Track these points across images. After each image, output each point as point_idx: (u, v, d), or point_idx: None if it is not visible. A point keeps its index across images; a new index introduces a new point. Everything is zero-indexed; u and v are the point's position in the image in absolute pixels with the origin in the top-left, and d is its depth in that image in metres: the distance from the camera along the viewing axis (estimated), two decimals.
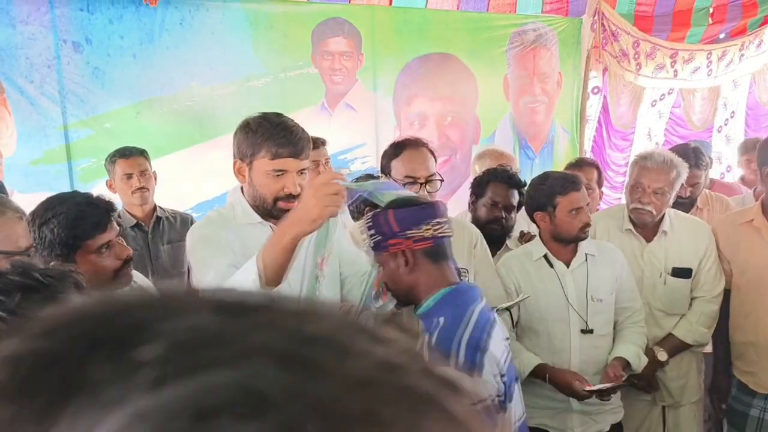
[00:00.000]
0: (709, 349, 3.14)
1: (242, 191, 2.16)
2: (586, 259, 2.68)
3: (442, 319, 1.74)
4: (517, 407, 1.90)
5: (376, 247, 1.85)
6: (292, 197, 2.02)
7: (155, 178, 3.50)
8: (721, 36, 6.64)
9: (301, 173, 2.05)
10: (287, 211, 2.01)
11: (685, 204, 3.51)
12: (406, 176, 2.45)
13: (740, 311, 2.93)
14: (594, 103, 6.29)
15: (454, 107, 5.47)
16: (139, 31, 4.09)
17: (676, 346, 2.95)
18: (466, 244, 2.64)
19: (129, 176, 3.36)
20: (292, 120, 2.07)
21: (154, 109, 4.18)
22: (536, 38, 5.74)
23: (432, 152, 2.54)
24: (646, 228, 2.98)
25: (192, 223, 3.61)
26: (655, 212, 2.88)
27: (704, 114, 6.96)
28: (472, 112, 5.56)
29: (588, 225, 2.65)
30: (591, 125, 6.31)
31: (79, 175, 3.92)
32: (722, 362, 3.06)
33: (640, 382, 2.86)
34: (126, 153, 3.39)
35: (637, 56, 6.27)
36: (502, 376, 1.77)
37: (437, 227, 1.81)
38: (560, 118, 6.06)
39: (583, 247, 2.70)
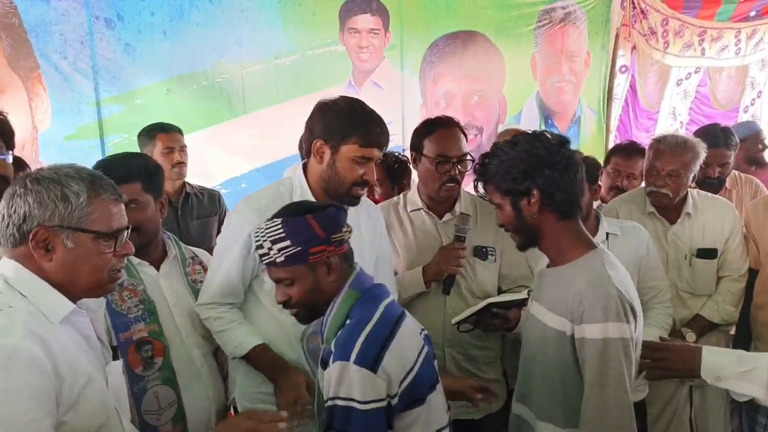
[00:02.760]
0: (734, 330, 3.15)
1: (304, 170, 2.18)
2: (607, 238, 2.66)
3: (348, 321, 1.69)
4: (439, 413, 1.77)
5: (290, 261, 1.67)
6: (366, 184, 2.10)
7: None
8: (752, 14, 6.51)
9: (375, 163, 2.12)
10: (358, 197, 2.12)
11: (713, 184, 3.49)
12: (439, 155, 2.48)
13: (765, 291, 2.93)
14: (621, 82, 6.23)
15: (481, 86, 5.44)
16: (170, 8, 4.11)
17: (704, 327, 2.95)
18: (493, 224, 2.65)
19: (170, 150, 3.44)
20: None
21: (184, 85, 4.21)
22: (565, 16, 5.68)
23: (464, 132, 2.56)
24: (669, 210, 2.97)
25: (219, 200, 3.69)
26: (671, 194, 2.87)
27: (730, 93, 6.87)
28: (499, 90, 5.54)
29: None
30: (617, 105, 6.26)
31: (111, 150, 3.97)
32: (741, 343, 3.05)
33: None
34: (166, 128, 3.47)
35: (665, 34, 6.19)
36: (410, 370, 1.66)
37: (348, 230, 1.75)
38: (587, 98, 6.02)
39: (605, 226, 2.70)
